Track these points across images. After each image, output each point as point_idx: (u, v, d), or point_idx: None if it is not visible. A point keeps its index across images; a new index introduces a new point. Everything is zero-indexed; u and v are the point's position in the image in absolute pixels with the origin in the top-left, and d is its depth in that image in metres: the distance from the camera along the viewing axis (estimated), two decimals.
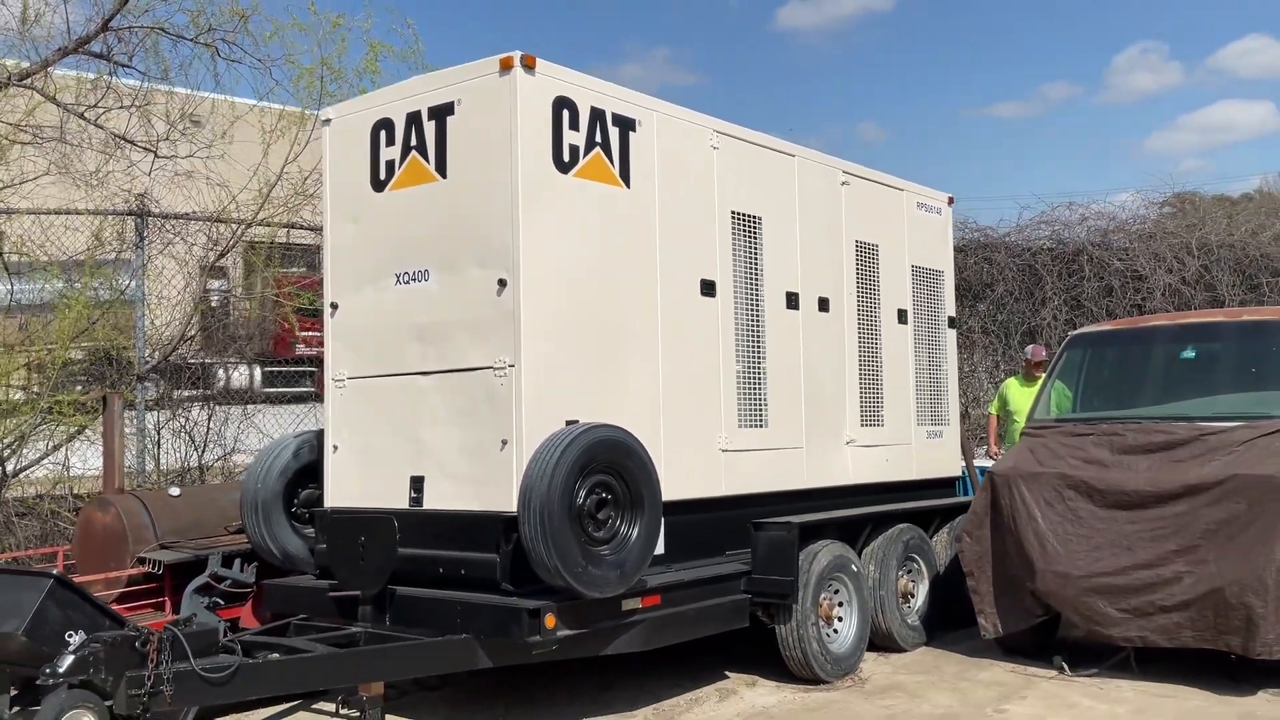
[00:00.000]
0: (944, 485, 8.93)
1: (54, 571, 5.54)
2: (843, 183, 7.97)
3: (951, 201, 9.39)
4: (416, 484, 5.92)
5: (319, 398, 12.31)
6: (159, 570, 6.53)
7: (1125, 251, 12.99)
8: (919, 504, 7.99)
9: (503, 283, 5.59)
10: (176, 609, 6.51)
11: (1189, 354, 7.34)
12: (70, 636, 5.13)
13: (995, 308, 12.82)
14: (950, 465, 9.02)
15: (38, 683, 4.99)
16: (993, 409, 10.12)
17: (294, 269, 11.52)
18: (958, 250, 13.00)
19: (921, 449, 8.62)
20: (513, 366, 5.54)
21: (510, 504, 5.39)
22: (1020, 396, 9.72)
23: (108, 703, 5.20)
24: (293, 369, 13.12)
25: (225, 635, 5.50)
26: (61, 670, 4.86)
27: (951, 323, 9.21)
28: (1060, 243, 13.26)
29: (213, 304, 10.67)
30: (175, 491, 7.07)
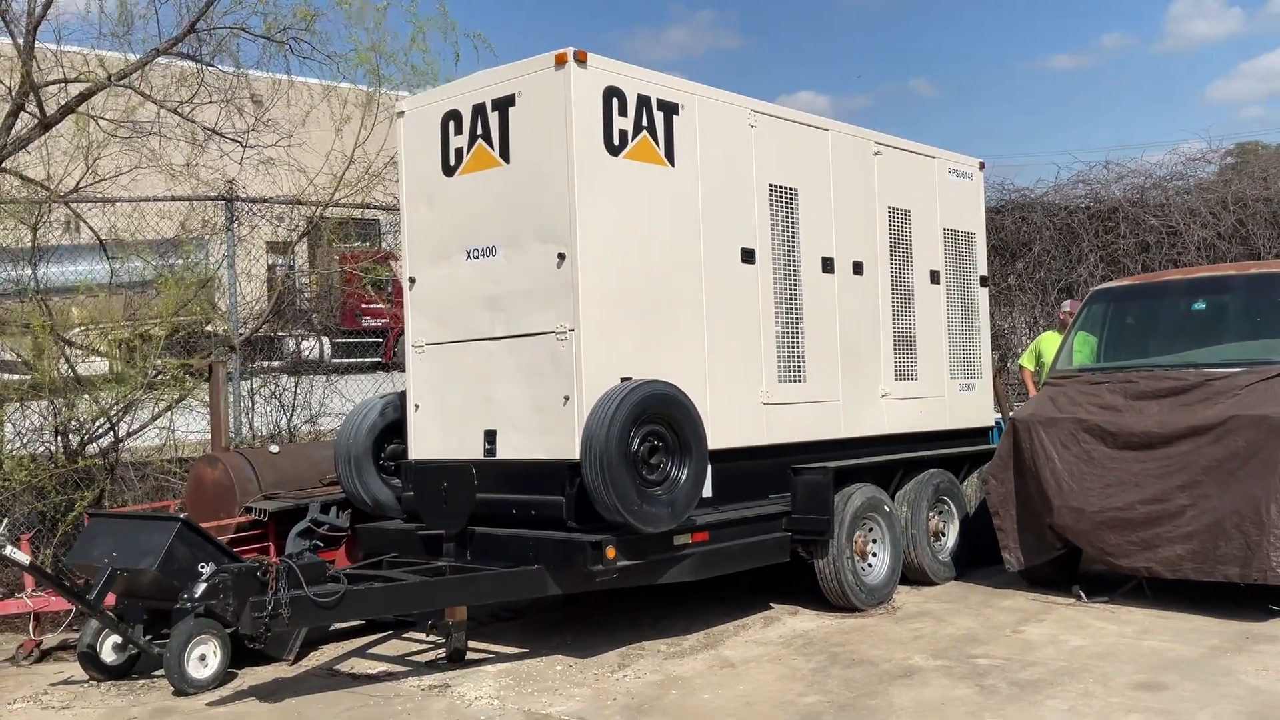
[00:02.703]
0: (977, 434, 9.49)
1: (181, 516, 6.38)
2: (875, 153, 8.54)
3: (983, 166, 9.90)
4: (490, 436, 6.67)
5: (386, 367, 13.19)
6: (264, 518, 7.36)
7: (1161, 208, 13.34)
8: (948, 450, 8.60)
9: (562, 256, 6.28)
10: (280, 553, 7.35)
11: (1200, 306, 7.86)
12: (202, 568, 5.95)
13: (1033, 266, 13.28)
14: (983, 415, 9.59)
15: (176, 606, 5.83)
16: (1025, 362, 10.62)
17: (360, 244, 12.30)
18: (995, 211, 13.49)
19: (954, 400, 9.21)
20: (573, 331, 6.24)
21: (573, 452, 6.11)
22: (1055, 348, 10.22)
23: (229, 630, 6.03)
24: (364, 340, 14.00)
25: (329, 570, 6.31)
26: (198, 595, 5.70)
27: (983, 281, 9.75)
28: (1097, 201, 13.64)
29: (286, 280, 11.47)
30: (275, 449, 7.91)
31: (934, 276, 9.06)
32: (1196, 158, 14.46)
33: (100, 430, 8.94)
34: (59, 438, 8.81)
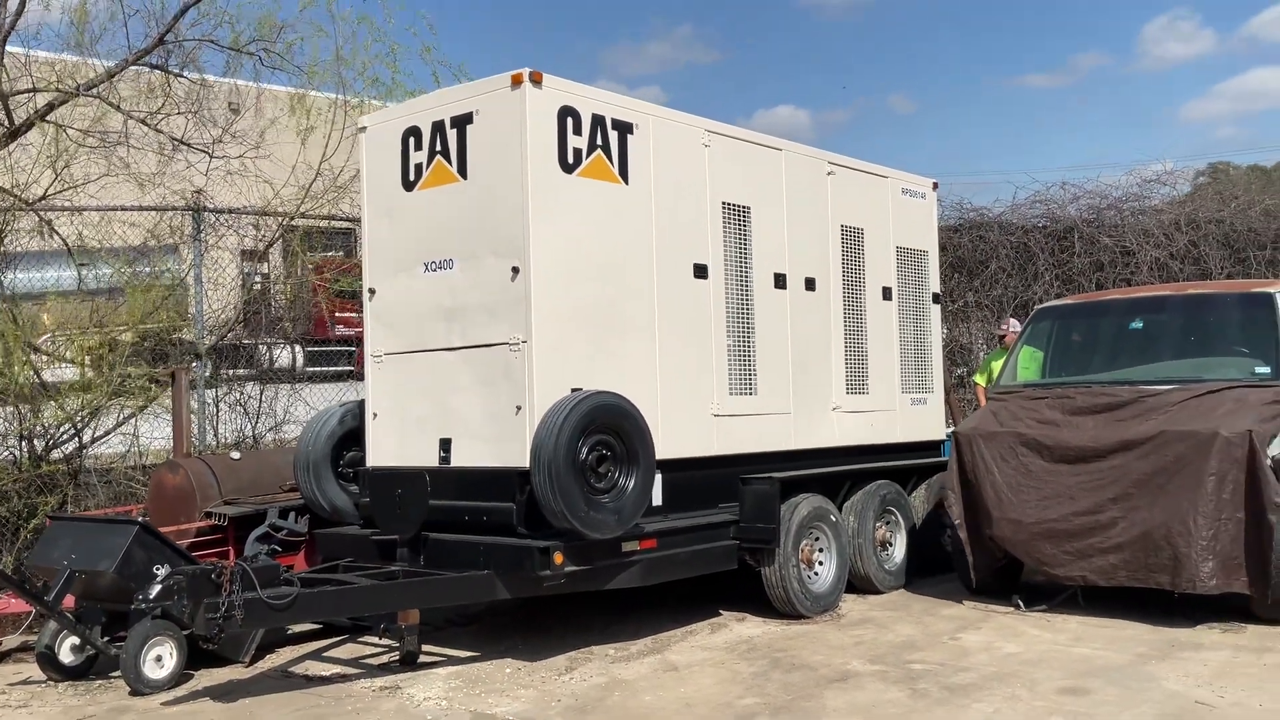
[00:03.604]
0: (929, 447, 9.71)
1: (139, 519, 6.52)
2: (828, 173, 8.77)
3: (936, 186, 10.15)
4: (445, 445, 6.84)
5: (357, 375, 13.32)
6: (224, 523, 7.50)
7: (1115, 228, 13.67)
8: (894, 463, 8.82)
9: (516, 270, 6.47)
10: (240, 557, 7.48)
11: (1137, 325, 8.14)
12: (158, 570, 6.09)
13: (989, 283, 13.56)
14: (934, 429, 9.80)
15: (132, 608, 5.96)
16: (978, 378, 10.89)
17: (330, 253, 12.44)
18: (953, 230, 13.78)
19: (906, 414, 9.42)
20: (525, 342, 6.43)
21: (524, 460, 6.28)
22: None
23: (185, 632, 6.17)
24: (333, 349, 14.11)
25: (283, 573, 6.46)
26: (152, 596, 5.84)
27: (936, 298, 9.98)
28: (1053, 221, 13.96)
29: (256, 289, 11.60)
30: (236, 455, 8.05)
31: (886, 293, 9.29)
32: (1153, 179, 14.83)
33: (65, 436, 9.05)
34: (23, 443, 8.92)
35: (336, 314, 14.35)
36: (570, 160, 6.70)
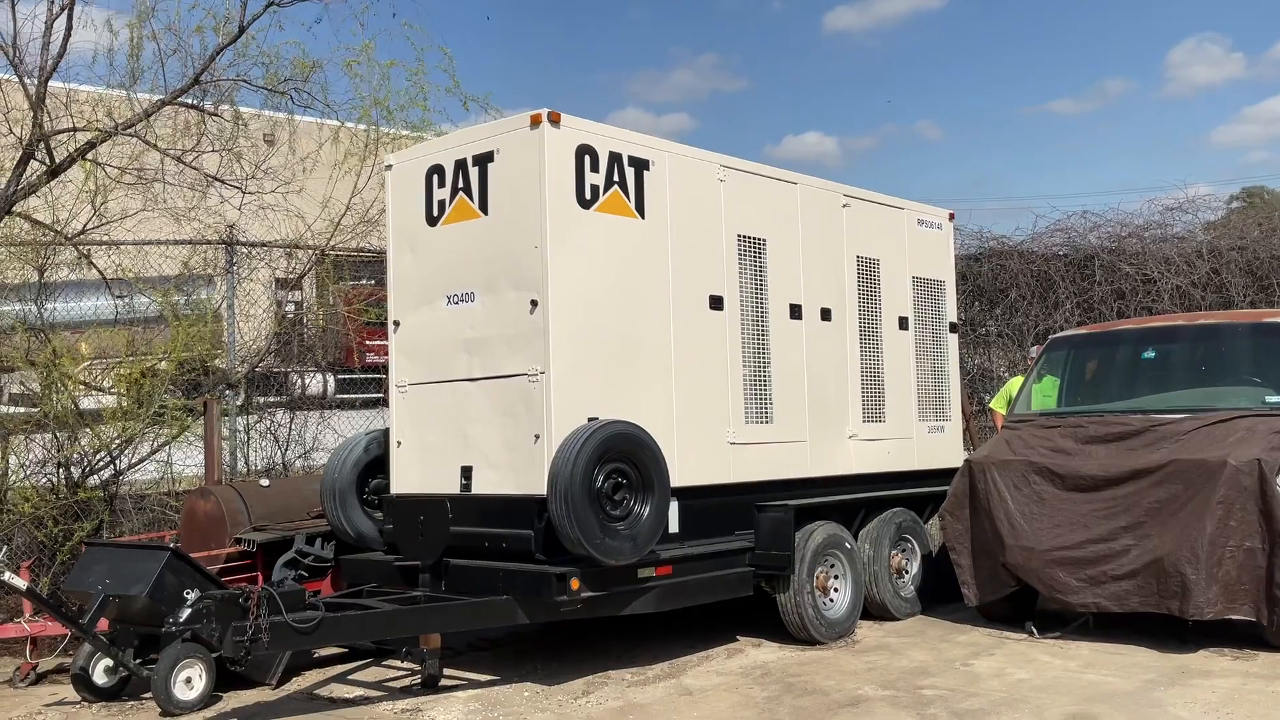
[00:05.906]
0: (946, 475, 9.74)
1: (171, 545, 6.74)
2: (844, 205, 8.93)
3: (952, 217, 10.28)
4: (466, 472, 7.03)
5: (385, 403, 13.57)
6: (253, 549, 7.71)
7: (1136, 256, 13.72)
8: (909, 490, 8.92)
9: (535, 303, 6.67)
10: (268, 582, 7.69)
11: (1150, 354, 8.23)
12: (188, 594, 6.31)
13: (1010, 311, 13.64)
14: (952, 456, 9.85)
15: (163, 630, 6.17)
16: (996, 405, 10.96)
17: (361, 281, 12.72)
18: (974, 258, 13.89)
19: (923, 442, 9.53)
20: (544, 373, 6.62)
21: (543, 488, 6.45)
22: None
23: (214, 655, 6.37)
24: (363, 376, 14.39)
25: (309, 598, 6.65)
26: (183, 620, 6.06)
27: (953, 328, 10.10)
28: (1074, 249, 14.03)
29: (289, 316, 11.87)
30: (265, 483, 8.28)
31: (903, 323, 9.41)
32: (1174, 206, 14.85)
33: (101, 463, 9.32)
34: (61, 470, 9.19)
35: (365, 343, 14.67)
36: (588, 196, 6.91)
